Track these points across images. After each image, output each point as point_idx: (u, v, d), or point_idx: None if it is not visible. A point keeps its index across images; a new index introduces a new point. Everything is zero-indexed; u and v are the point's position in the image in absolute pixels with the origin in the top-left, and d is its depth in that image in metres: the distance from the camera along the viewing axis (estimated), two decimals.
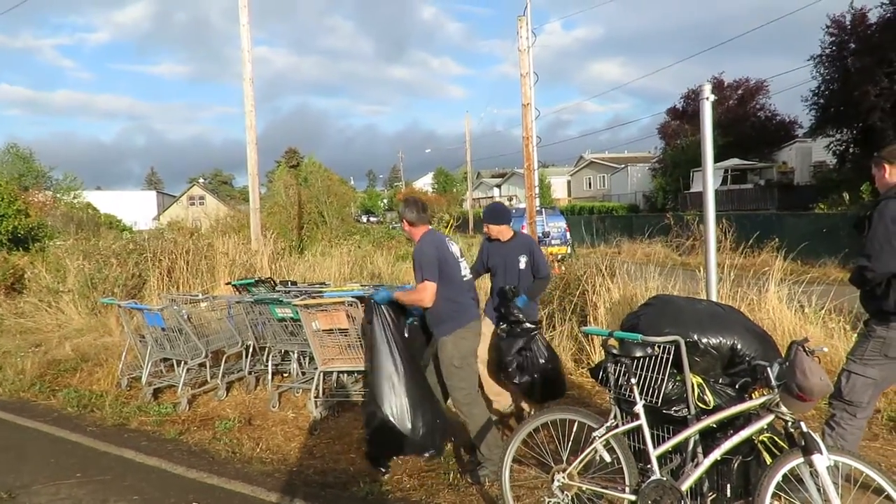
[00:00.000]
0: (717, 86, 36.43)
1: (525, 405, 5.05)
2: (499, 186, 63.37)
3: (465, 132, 46.96)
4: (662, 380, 3.01)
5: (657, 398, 3.01)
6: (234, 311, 6.56)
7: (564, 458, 3.15)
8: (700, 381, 3.04)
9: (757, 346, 3.09)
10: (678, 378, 3.04)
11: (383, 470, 4.32)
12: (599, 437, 3.00)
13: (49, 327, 10.00)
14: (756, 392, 3.11)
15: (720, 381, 3.08)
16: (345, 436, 5.13)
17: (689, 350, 3.00)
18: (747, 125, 34.16)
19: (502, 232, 4.92)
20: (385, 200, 75.90)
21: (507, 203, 47.72)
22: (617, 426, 3.03)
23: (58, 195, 39.05)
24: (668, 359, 3.02)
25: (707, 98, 3.85)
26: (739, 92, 35.75)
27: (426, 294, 3.97)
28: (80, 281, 10.92)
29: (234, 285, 7.33)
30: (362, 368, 5.31)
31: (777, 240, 10.24)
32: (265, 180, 45.74)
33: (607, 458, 3.00)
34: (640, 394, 3.02)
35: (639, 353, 3.01)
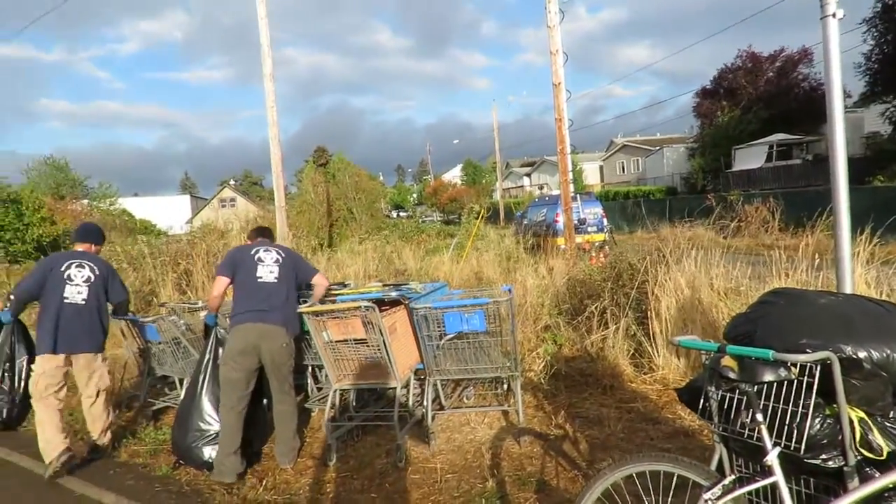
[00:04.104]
0: (751, 59, 34.52)
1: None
2: (528, 175, 61.93)
3: (492, 122, 45.78)
4: (805, 415, 2.05)
5: (799, 442, 2.05)
6: None
7: None
8: (861, 415, 2.06)
9: None
10: (828, 412, 2.08)
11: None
12: (713, 501, 2.06)
13: None
14: None
15: (891, 414, 2.10)
16: (365, 467, 4.28)
17: (845, 370, 2.03)
18: (790, 97, 32.23)
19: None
20: (414, 195, 75.06)
21: (538, 192, 46.50)
22: (737, 485, 2.08)
23: (93, 203, 39.37)
24: (811, 384, 2.05)
25: (832, 14, 2.82)
26: (778, 64, 33.78)
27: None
28: None
29: None
30: (388, 384, 4.47)
31: (822, 217, 9.03)
32: (294, 179, 45.45)
33: None
34: (773, 436, 2.06)
35: (769, 378, 2.06)
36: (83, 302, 4.61)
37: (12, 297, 4.90)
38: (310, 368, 5.41)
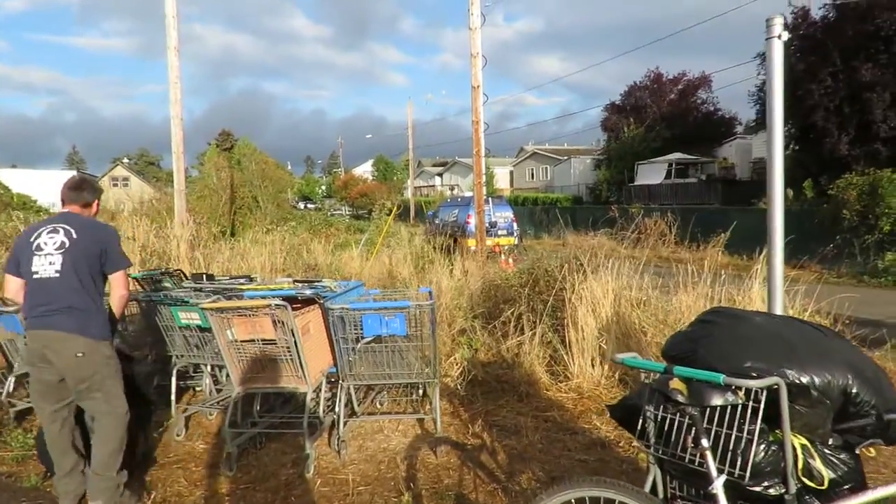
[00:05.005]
0: (656, 79, 36.46)
1: None
2: (440, 175, 62.25)
3: (407, 120, 45.59)
4: (750, 441, 2.00)
5: (744, 469, 1.99)
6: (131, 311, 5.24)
7: None
8: (804, 442, 2.04)
9: (873, 387, 2.12)
10: (771, 438, 2.04)
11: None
12: None
13: None
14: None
15: (830, 441, 2.09)
16: (269, 477, 3.96)
17: (791, 396, 2.00)
18: (689, 119, 34.30)
19: None
20: (323, 187, 73.56)
21: (449, 192, 46.80)
22: None
23: None
24: (757, 409, 2.00)
25: (778, 36, 2.87)
26: (680, 87, 35.87)
27: None
28: None
29: (134, 278, 5.92)
30: (297, 388, 4.15)
31: (725, 234, 9.58)
32: (195, 162, 43.18)
33: None
34: (716, 462, 2.00)
35: (717, 402, 1.99)
36: None
37: None
38: (208, 367, 4.98)
